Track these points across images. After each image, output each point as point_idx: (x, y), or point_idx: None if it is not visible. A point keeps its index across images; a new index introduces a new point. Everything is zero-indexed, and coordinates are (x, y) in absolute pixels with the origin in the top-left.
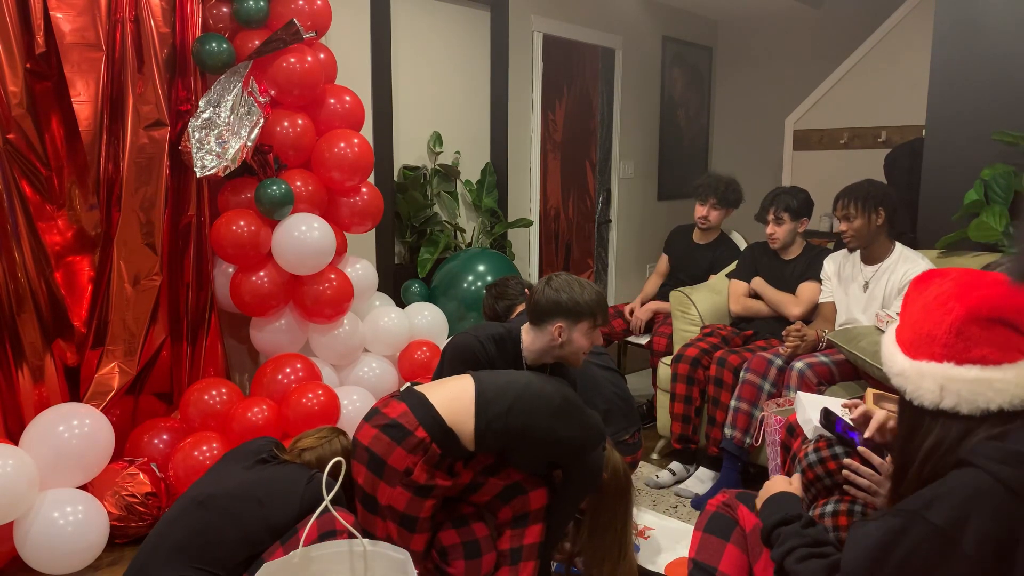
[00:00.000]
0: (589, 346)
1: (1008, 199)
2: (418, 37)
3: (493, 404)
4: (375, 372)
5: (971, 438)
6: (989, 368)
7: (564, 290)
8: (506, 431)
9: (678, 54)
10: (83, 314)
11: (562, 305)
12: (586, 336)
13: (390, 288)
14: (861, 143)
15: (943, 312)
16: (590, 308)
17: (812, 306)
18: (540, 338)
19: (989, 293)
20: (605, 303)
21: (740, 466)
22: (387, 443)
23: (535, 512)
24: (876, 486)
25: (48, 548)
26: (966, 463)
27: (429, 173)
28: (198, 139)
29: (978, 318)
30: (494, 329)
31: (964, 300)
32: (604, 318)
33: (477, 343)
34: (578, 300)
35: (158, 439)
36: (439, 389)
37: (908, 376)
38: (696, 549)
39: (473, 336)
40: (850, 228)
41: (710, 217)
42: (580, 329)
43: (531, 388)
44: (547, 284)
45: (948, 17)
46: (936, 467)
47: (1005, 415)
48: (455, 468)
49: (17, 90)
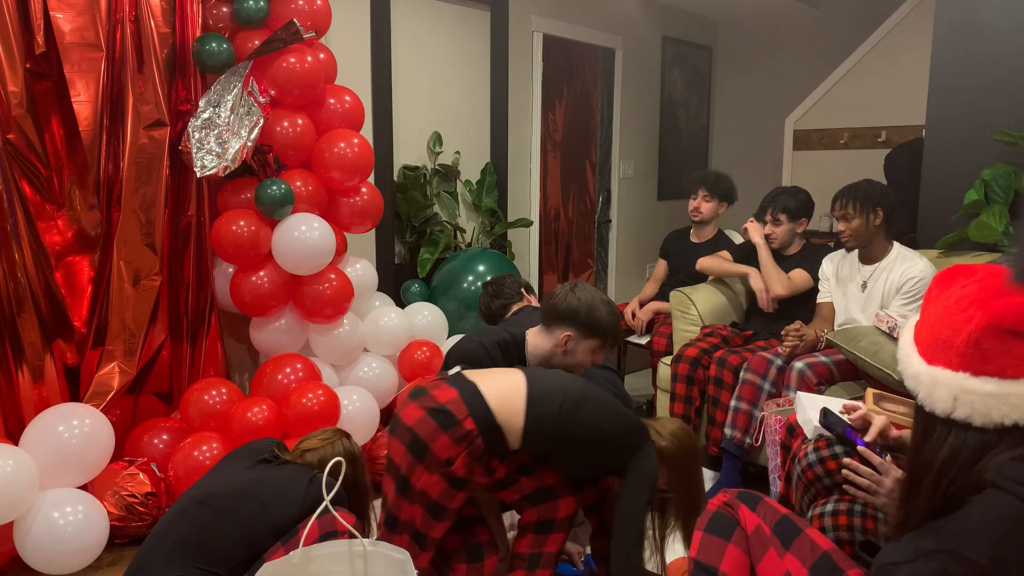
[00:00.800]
0: (589, 364)
1: (1008, 199)
2: (418, 37)
3: (543, 404)
4: (375, 372)
5: (991, 455)
6: (1007, 382)
7: (586, 302)
8: (554, 433)
9: (678, 54)
10: (83, 314)
11: (579, 316)
12: (591, 354)
13: (390, 288)
14: (861, 143)
15: (964, 318)
16: (604, 329)
17: (797, 292)
18: (546, 342)
19: (1012, 302)
20: (620, 329)
21: (740, 466)
22: (433, 428)
23: (560, 521)
24: (876, 486)
25: (48, 548)
26: (994, 486)
27: (429, 173)
28: (198, 139)
29: (999, 329)
30: (499, 334)
31: (985, 308)
32: (614, 342)
33: (482, 349)
34: (596, 317)
35: (158, 439)
36: (491, 380)
37: (922, 381)
38: (697, 549)
39: (478, 342)
40: (848, 228)
41: (701, 208)
42: (588, 345)
43: (580, 389)
44: (571, 291)
45: (948, 17)
46: (955, 482)
47: (1022, 431)
48: (492, 464)
49: (17, 90)
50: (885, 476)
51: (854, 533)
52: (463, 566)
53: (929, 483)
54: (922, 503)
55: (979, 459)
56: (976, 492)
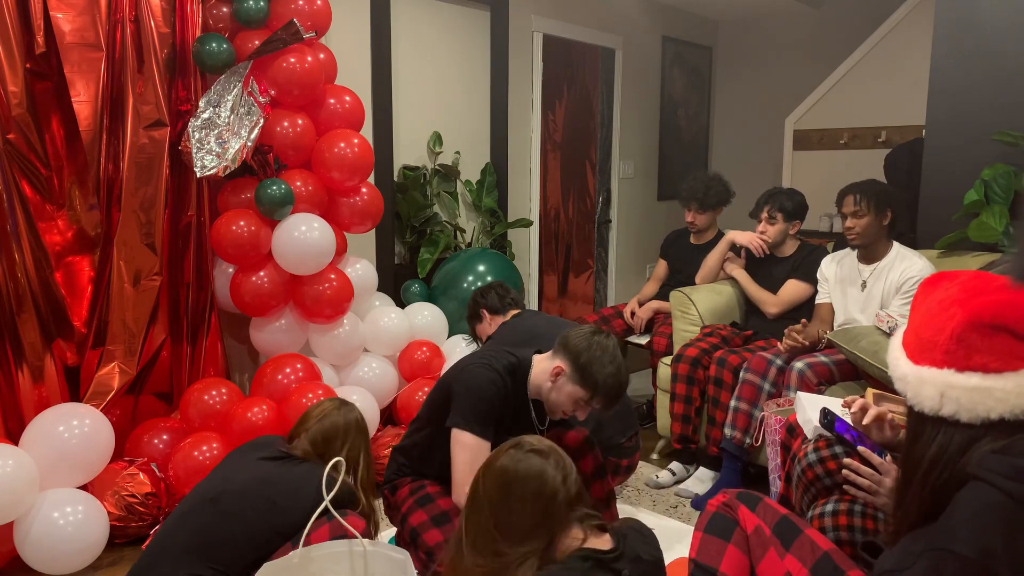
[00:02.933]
0: (570, 412)
1: (1008, 199)
2: (418, 37)
3: None
4: (375, 372)
5: (975, 448)
6: (990, 376)
7: (595, 351)
8: None
9: (678, 54)
10: (83, 314)
11: (580, 358)
12: (573, 403)
13: (390, 288)
14: (861, 143)
15: (946, 317)
16: (595, 382)
17: (791, 306)
18: (546, 368)
19: (992, 299)
20: (617, 396)
21: (740, 466)
22: None
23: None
24: (876, 486)
25: (48, 548)
26: (976, 479)
27: (429, 173)
28: (198, 139)
29: (980, 325)
30: (506, 358)
31: (967, 306)
32: (604, 405)
33: (499, 377)
34: (596, 368)
35: (158, 439)
36: None
37: (909, 381)
38: (696, 550)
39: (494, 369)
40: (857, 225)
41: (697, 222)
42: (574, 391)
43: None
44: (592, 334)
45: (948, 17)
46: (941, 477)
47: (1008, 425)
48: None
49: (17, 90)
50: (885, 476)
51: (854, 533)
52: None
53: (918, 481)
54: (914, 502)
55: (965, 454)
56: (962, 486)
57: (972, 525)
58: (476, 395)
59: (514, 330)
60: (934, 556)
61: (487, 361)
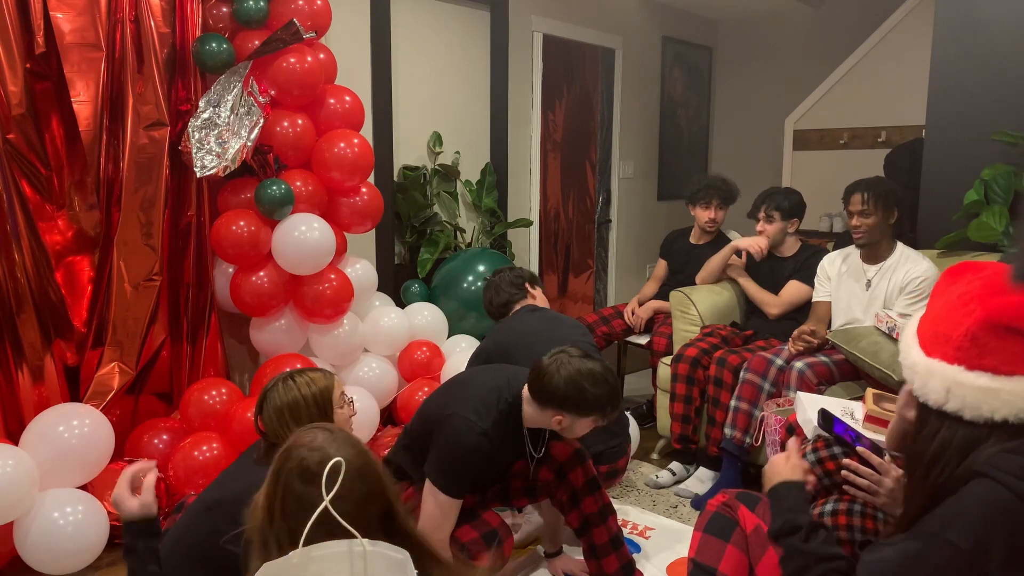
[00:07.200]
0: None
1: (1008, 199)
2: (418, 37)
3: None
4: (375, 372)
5: (982, 448)
6: (999, 378)
7: (573, 382)
8: None
9: (678, 54)
10: (83, 314)
11: (569, 401)
12: (588, 427)
13: (390, 288)
14: (861, 143)
15: (964, 313)
16: (599, 404)
17: (792, 307)
18: (540, 418)
19: (1012, 300)
20: (617, 395)
21: (740, 466)
22: None
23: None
24: (875, 486)
25: (48, 548)
26: (982, 475)
27: (429, 173)
28: (198, 139)
29: (996, 326)
30: (493, 413)
31: (986, 304)
32: (613, 410)
33: (485, 441)
34: (586, 397)
35: (158, 439)
36: None
37: (918, 371)
38: (696, 549)
39: (478, 433)
40: (864, 223)
41: (718, 218)
42: (584, 424)
43: None
44: (557, 369)
45: (948, 17)
46: (944, 471)
47: (1012, 427)
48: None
49: (17, 90)
50: (885, 476)
51: (854, 533)
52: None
53: (920, 475)
54: (915, 496)
55: (968, 453)
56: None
57: (974, 518)
58: (458, 457)
59: (509, 330)
60: (925, 538)
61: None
